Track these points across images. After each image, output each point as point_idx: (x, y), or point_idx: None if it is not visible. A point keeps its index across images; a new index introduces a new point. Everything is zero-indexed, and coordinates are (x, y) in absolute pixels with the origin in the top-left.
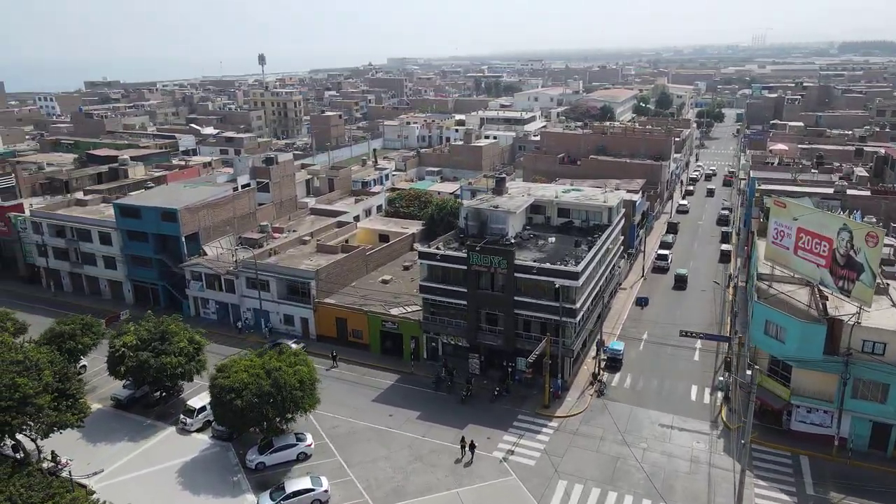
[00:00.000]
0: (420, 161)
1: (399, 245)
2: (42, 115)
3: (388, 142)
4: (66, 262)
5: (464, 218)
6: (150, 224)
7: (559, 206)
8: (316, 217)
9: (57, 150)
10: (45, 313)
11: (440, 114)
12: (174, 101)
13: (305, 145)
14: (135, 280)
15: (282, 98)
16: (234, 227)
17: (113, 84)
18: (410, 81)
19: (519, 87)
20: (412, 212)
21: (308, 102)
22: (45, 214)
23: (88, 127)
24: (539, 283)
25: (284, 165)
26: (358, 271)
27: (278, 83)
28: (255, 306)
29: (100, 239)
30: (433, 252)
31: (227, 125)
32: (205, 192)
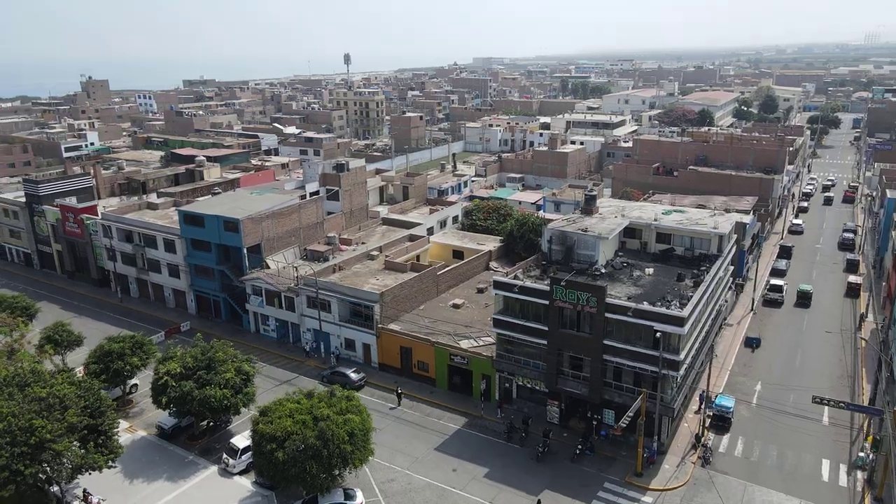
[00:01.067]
0: (501, 167)
1: (474, 264)
2: (140, 112)
3: (469, 145)
4: (133, 268)
5: (547, 241)
6: (212, 233)
7: (659, 230)
8: (387, 228)
9: (148, 147)
10: (108, 320)
11: (524, 116)
12: (263, 100)
13: (385, 147)
14: (197, 290)
15: (364, 98)
16: (300, 238)
17: (209, 82)
18: (495, 82)
19: (608, 88)
20: (490, 225)
21: (391, 102)
22: (115, 218)
23: (178, 125)
24: (635, 327)
25: (356, 172)
26: (427, 293)
27: (363, 82)
28: (316, 327)
29: (165, 246)
30: (511, 283)
31: (310, 124)
32: (271, 201)
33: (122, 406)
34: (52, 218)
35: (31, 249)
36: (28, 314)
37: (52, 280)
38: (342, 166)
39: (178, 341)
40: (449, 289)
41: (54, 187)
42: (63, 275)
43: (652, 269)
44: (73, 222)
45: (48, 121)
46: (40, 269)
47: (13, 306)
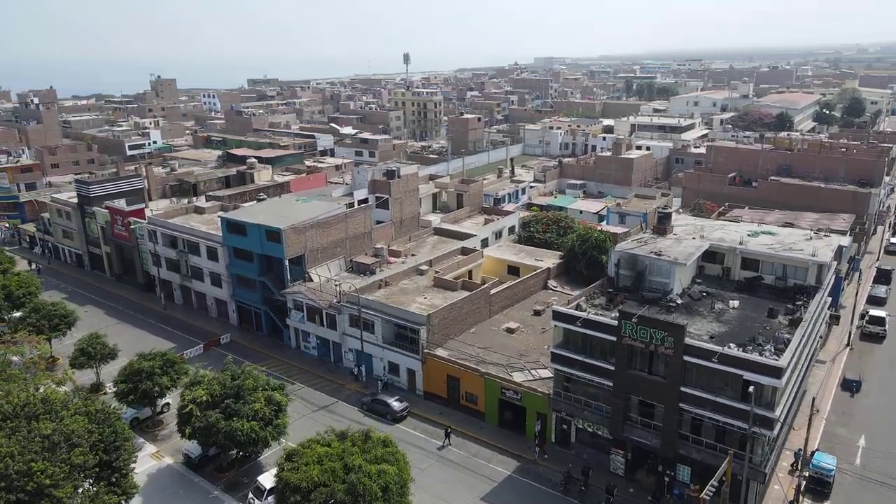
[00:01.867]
0: (561, 172)
1: (530, 282)
2: (203, 111)
3: (528, 148)
4: (177, 275)
5: (614, 264)
6: (254, 242)
7: (745, 255)
8: (439, 239)
9: (207, 146)
10: (150, 328)
11: (586, 118)
12: (322, 100)
13: (441, 149)
14: (239, 301)
15: (422, 98)
16: (346, 249)
17: (272, 81)
18: (556, 82)
19: (675, 89)
20: (549, 239)
21: (449, 102)
22: (160, 222)
23: (238, 124)
24: (720, 374)
25: (408, 179)
26: (479, 314)
27: (422, 82)
28: (357, 347)
29: (207, 254)
30: (572, 315)
31: (367, 125)
32: (316, 209)
33: (152, 427)
34: (101, 220)
35: (83, 251)
36: (66, 322)
37: (101, 282)
38: (393, 173)
39: (215, 358)
40: (502, 310)
41: (105, 188)
42: (111, 277)
43: (737, 302)
44: (121, 225)
45: (117, 119)
46: (91, 271)
47: (51, 314)
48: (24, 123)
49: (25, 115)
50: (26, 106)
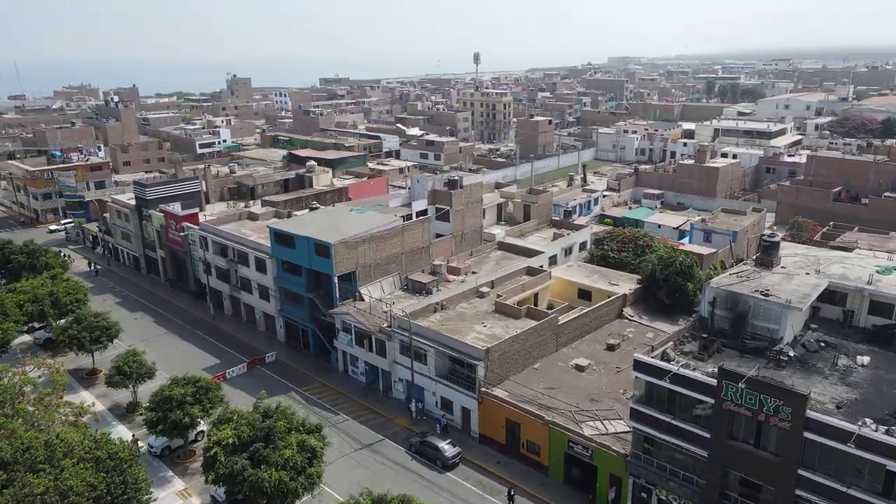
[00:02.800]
0: (637, 180)
1: (604, 311)
2: (274, 110)
3: (601, 152)
4: (226, 285)
5: (709, 303)
6: (302, 256)
7: (874, 298)
8: (503, 254)
9: (274, 146)
10: (196, 340)
11: (664, 121)
12: (391, 99)
13: (510, 152)
14: (286, 317)
15: (491, 99)
16: (401, 265)
17: (343, 81)
18: (631, 83)
19: (761, 90)
20: (625, 258)
21: (519, 104)
22: (210, 229)
23: (305, 124)
24: (851, 458)
25: (471, 189)
26: (544, 346)
27: (491, 82)
28: (408, 378)
29: (256, 265)
30: (659, 368)
31: (433, 126)
32: (371, 221)
33: (183, 458)
34: (157, 223)
35: (139, 253)
36: (109, 335)
37: (155, 287)
38: (455, 183)
39: (257, 379)
40: (571, 342)
41: (162, 191)
42: (165, 282)
43: (867, 358)
44: (175, 230)
45: (193, 117)
46: (146, 274)
47: (92, 326)
48: (104, 121)
49: (106, 112)
50: (107, 104)
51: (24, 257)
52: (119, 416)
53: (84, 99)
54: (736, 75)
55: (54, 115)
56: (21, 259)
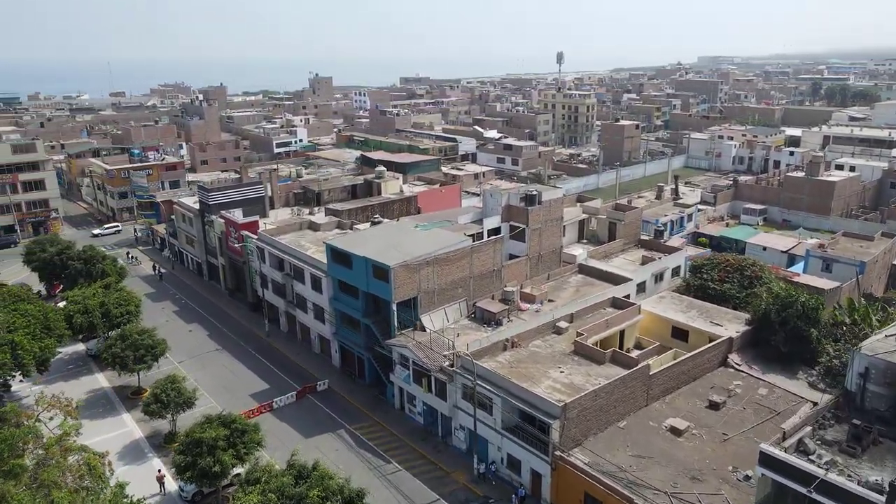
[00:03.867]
0: (736, 193)
1: (706, 357)
2: (353, 109)
3: (693, 160)
4: (282, 300)
5: (859, 374)
6: (359, 277)
7: None
8: (584, 279)
9: (349, 146)
10: (247, 360)
11: (764, 126)
12: (470, 99)
13: (592, 158)
14: (342, 342)
15: (573, 101)
16: (469, 291)
17: (423, 80)
18: (725, 84)
19: (874, 93)
20: (727, 291)
21: (603, 105)
22: (268, 240)
23: (381, 124)
24: None
25: (551, 206)
26: (632, 400)
27: (574, 83)
28: (471, 426)
29: (311, 282)
30: (796, 469)
31: (512, 128)
32: (436, 240)
33: None
34: (218, 229)
35: (202, 260)
36: (153, 354)
37: (215, 296)
38: (533, 198)
39: (307, 410)
40: (665, 394)
41: (225, 196)
42: (225, 291)
43: None
44: (234, 238)
45: (275, 115)
46: (208, 281)
47: (136, 345)
48: (189, 119)
49: (192, 111)
50: (192, 102)
51: (80, 264)
52: (156, 445)
53: (176, 97)
54: (845, 76)
55: (146, 113)
56: (77, 265)
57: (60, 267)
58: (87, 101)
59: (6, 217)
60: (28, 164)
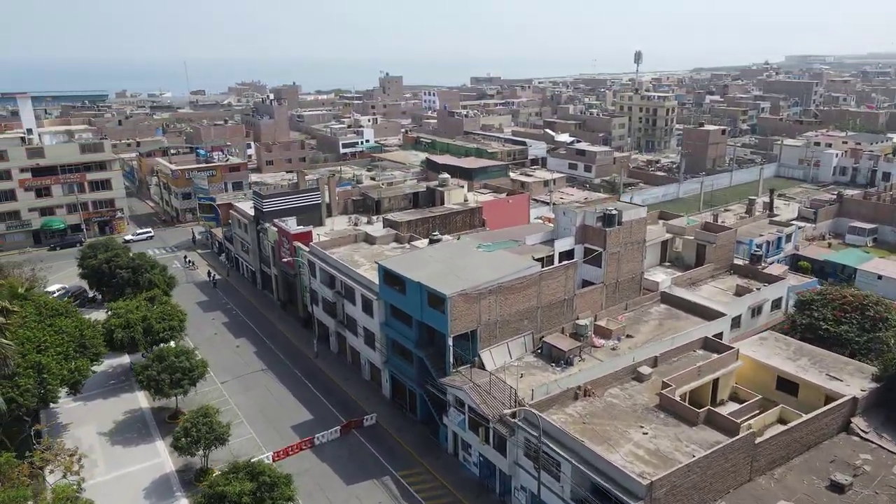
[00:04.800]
0: (840, 209)
1: (823, 421)
2: (421, 109)
3: (785, 169)
4: (332, 320)
5: None
6: (413, 304)
7: None
8: (668, 310)
9: (415, 148)
10: (293, 384)
11: (868, 133)
12: (542, 100)
13: (672, 165)
14: (393, 372)
15: (652, 103)
16: (536, 322)
17: (494, 80)
18: (820, 85)
19: None
20: (845, 334)
21: (683, 108)
22: (319, 253)
23: (449, 125)
24: None
25: (632, 227)
26: (733, 474)
27: (651, 83)
28: (533, 488)
29: (362, 304)
30: None
31: (585, 132)
32: (500, 265)
33: None
34: (272, 238)
35: (255, 268)
36: (191, 378)
37: (267, 308)
38: (612, 218)
39: (351, 449)
40: (773, 467)
41: (280, 203)
42: (278, 302)
43: None
44: (287, 248)
45: (344, 114)
46: (261, 291)
47: (174, 367)
48: (259, 118)
49: (263, 110)
50: (263, 101)
51: (128, 272)
52: (186, 482)
53: (252, 95)
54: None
55: (220, 112)
56: (125, 275)
57: (108, 275)
58: (169, 99)
59: (73, 216)
60: (96, 163)
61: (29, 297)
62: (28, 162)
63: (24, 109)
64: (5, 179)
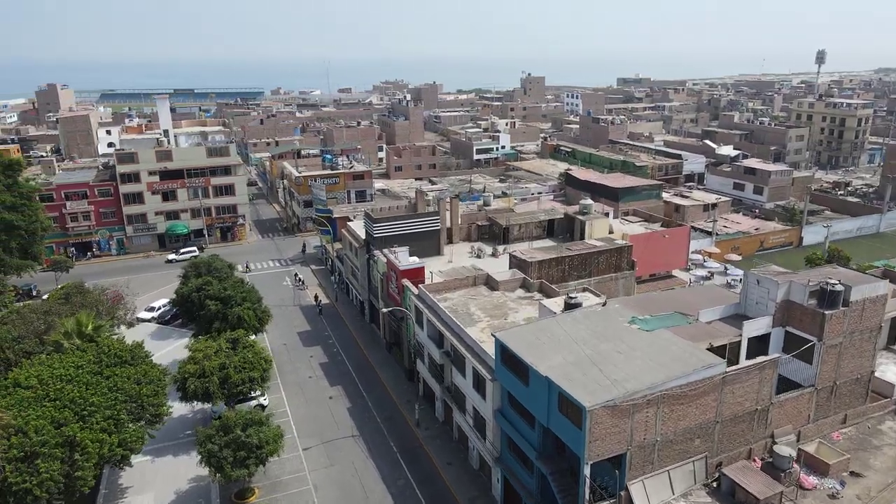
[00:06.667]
0: None
1: None
2: (563, 112)
3: None
4: (438, 384)
5: None
6: (537, 402)
7: None
8: None
9: (554, 157)
10: (384, 466)
11: None
12: (697, 105)
13: (866, 189)
14: (507, 473)
15: (839, 111)
16: (712, 444)
17: (643, 81)
18: None
19: None
20: None
21: (875, 117)
22: (428, 299)
23: (593, 133)
24: None
25: (865, 309)
26: None
27: (832, 86)
28: None
29: (474, 379)
30: None
31: (753, 144)
32: (665, 357)
33: None
34: (381, 269)
35: (364, 298)
36: (258, 457)
37: (371, 347)
38: (835, 296)
39: None
40: None
41: (392, 227)
42: (384, 340)
43: None
44: (395, 284)
45: (482, 116)
46: (369, 324)
47: (238, 442)
48: (394, 119)
49: (399, 111)
50: (400, 102)
51: (217, 305)
52: None
53: (394, 94)
54: None
55: (360, 111)
56: (213, 307)
57: (198, 306)
58: (317, 97)
59: (196, 221)
60: (221, 167)
61: (96, 339)
62: (157, 165)
63: (161, 110)
64: (134, 182)
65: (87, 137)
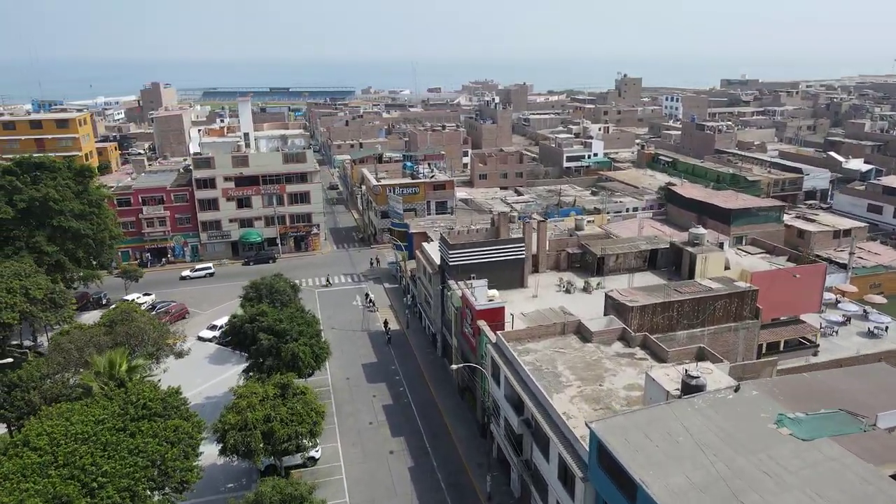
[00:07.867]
0: None
1: None
2: (661, 117)
3: None
4: (515, 455)
5: None
6: None
7: None
8: None
9: (652, 167)
10: None
11: None
12: (814, 110)
13: None
14: None
15: None
16: None
17: (751, 83)
18: None
19: None
20: None
21: None
22: (507, 351)
23: (696, 141)
24: None
25: None
26: None
27: None
28: None
29: (559, 469)
30: None
31: (890, 157)
32: (829, 486)
33: None
34: (456, 301)
35: (437, 329)
36: None
37: (441, 390)
38: None
39: None
40: None
41: (469, 255)
42: (456, 383)
43: None
44: (469, 323)
45: (574, 119)
46: (440, 358)
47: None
48: (481, 122)
49: (487, 113)
50: (488, 104)
51: (270, 339)
52: None
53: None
54: None
55: (447, 112)
56: (266, 342)
57: (251, 339)
58: (407, 97)
59: (270, 229)
60: (297, 174)
61: (126, 383)
62: (232, 170)
63: (243, 111)
64: (210, 188)
65: (180, 137)
